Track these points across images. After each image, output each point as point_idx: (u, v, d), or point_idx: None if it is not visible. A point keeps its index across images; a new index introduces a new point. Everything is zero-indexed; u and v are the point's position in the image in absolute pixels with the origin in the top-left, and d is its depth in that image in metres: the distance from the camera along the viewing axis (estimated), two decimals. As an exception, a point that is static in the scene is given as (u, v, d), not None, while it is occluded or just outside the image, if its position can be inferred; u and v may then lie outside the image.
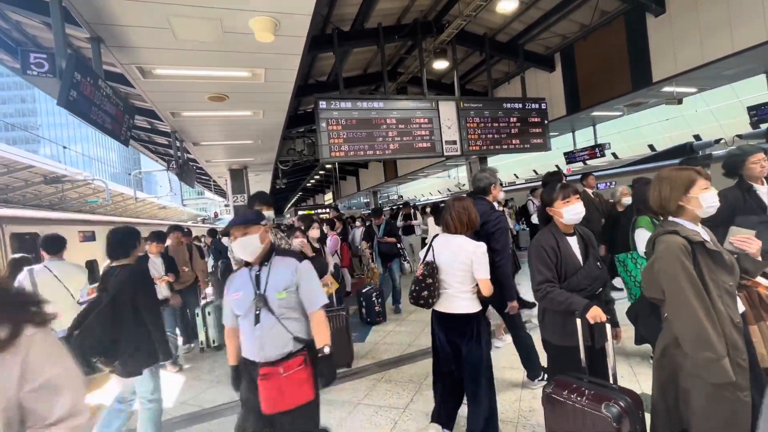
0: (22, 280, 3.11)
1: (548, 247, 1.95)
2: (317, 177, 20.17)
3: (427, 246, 2.40)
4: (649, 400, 1.68)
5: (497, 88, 9.96)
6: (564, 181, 2.82)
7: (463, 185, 20.75)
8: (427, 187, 29.89)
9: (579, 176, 5.58)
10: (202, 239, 10.26)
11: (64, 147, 16.93)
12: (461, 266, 2.22)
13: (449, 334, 2.29)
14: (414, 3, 6.55)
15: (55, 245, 3.33)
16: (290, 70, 4.44)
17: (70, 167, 13.98)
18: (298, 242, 3.58)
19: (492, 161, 12.93)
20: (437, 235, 2.42)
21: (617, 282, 4.52)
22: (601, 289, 1.99)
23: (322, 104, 6.20)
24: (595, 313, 1.77)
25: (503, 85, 9.96)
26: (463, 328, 2.24)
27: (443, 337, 2.32)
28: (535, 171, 23.42)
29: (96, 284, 2.44)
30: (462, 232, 2.29)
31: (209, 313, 4.73)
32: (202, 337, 4.79)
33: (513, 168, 24.26)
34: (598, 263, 1.98)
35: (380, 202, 23.13)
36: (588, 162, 12.23)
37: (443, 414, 2.42)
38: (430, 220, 8.05)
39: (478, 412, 2.21)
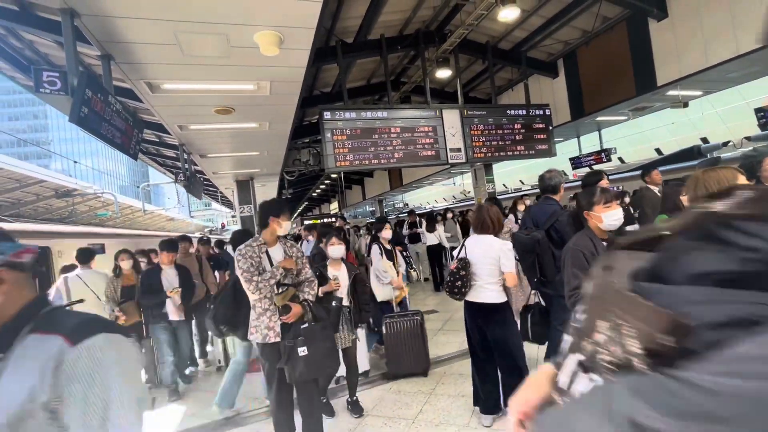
0: (59, 285, 3.89)
1: (587, 251, 1.87)
2: (323, 186, 20.28)
3: (460, 245, 2.75)
4: None
5: (501, 95, 9.99)
6: (605, 181, 2.83)
7: (469, 192, 20.71)
8: (433, 195, 29.89)
9: (639, 171, 4.85)
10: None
11: (75, 161, 17.27)
12: (490, 261, 2.55)
13: (479, 320, 2.63)
14: (416, 14, 6.63)
15: (85, 256, 4.06)
16: (295, 82, 4.50)
17: (80, 181, 14.22)
18: (336, 251, 3.11)
19: (497, 168, 12.93)
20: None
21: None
22: None
23: (327, 115, 6.27)
24: None
25: (507, 92, 9.99)
26: (490, 316, 2.57)
27: (473, 324, 2.67)
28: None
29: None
30: (492, 232, 2.63)
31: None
32: (219, 354, 4.51)
33: (518, 174, 24.20)
34: None
35: (385, 210, 23.15)
36: (594, 167, 12.16)
37: (481, 394, 2.68)
38: (425, 226, 8.04)
39: (510, 382, 2.50)
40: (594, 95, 7.99)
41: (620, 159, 17.30)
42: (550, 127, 7.94)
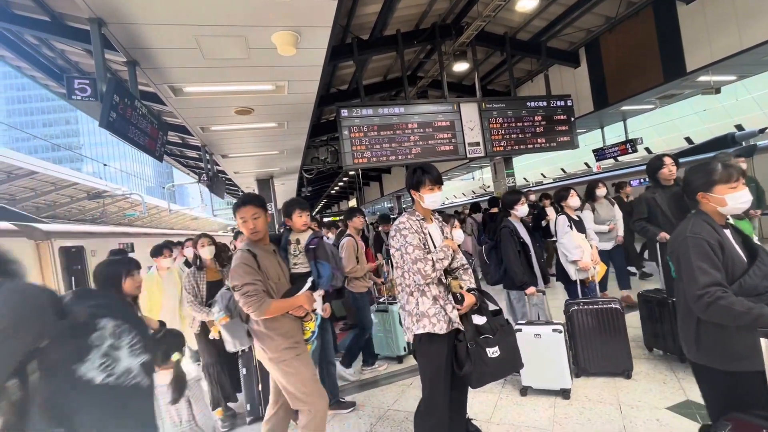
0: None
1: (713, 240, 1.50)
2: (341, 184, 20.42)
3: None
4: None
5: (520, 87, 9.77)
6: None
7: (488, 187, 20.41)
8: (452, 190, 29.62)
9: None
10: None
11: (105, 164, 18.00)
12: None
13: None
14: (432, 7, 6.56)
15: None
16: (312, 81, 4.55)
17: (110, 183, 14.82)
18: (457, 235, 2.53)
19: (517, 161, 12.67)
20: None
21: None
22: None
23: (344, 112, 6.30)
24: None
25: (526, 83, 9.77)
26: None
27: None
28: (563, 170, 22.76)
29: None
30: None
31: None
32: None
33: (540, 168, 23.68)
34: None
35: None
36: (619, 158, 11.75)
37: None
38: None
39: None
40: (618, 84, 7.70)
41: (647, 149, 16.64)
42: (572, 119, 7.72)
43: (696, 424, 2.32)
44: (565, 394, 2.79)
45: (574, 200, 3.68)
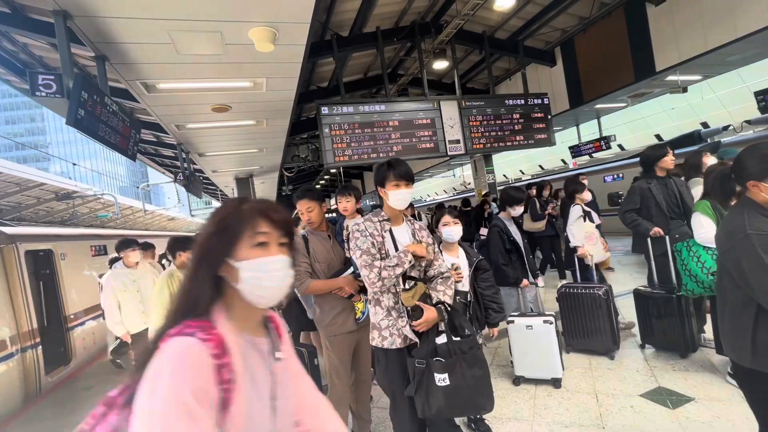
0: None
1: None
2: (322, 182, 20.25)
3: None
4: None
5: (498, 85, 9.92)
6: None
7: (469, 184, 20.67)
8: (433, 187, 29.87)
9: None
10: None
11: (74, 164, 17.26)
12: None
13: None
14: (411, 5, 6.57)
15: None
16: (291, 78, 4.48)
17: (80, 183, 14.22)
18: (452, 232, 2.51)
19: (497, 158, 12.88)
20: None
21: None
22: None
23: (324, 110, 6.24)
24: None
25: (504, 81, 9.92)
26: None
27: None
28: (541, 166, 23.26)
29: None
30: None
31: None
32: None
33: (519, 164, 24.11)
34: None
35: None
36: (594, 155, 12.12)
37: None
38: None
39: None
40: (593, 83, 7.93)
41: (620, 146, 17.21)
42: (549, 116, 7.90)
43: (667, 409, 2.43)
44: (556, 383, 2.89)
45: (586, 194, 4.02)
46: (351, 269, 2.33)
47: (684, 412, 2.39)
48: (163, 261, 6.11)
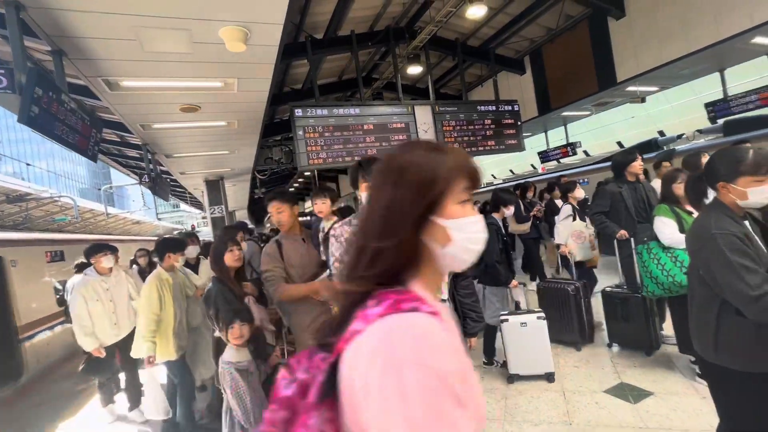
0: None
1: (740, 233, 1.40)
2: (296, 185, 19.97)
3: None
4: None
5: (471, 92, 10.15)
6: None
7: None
8: (408, 191, 29.99)
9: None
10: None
11: (28, 164, 16.21)
12: None
13: None
14: (386, 10, 6.62)
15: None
16: (264, 79, 4.40)
17: (34, 184, 13.35)
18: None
19: (469, 163, 13.11)
20: None
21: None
22: None
23: (298, 112, 6.16)
24: None
25: (477, 88, 10.17)
26: None
27: None
28: (511, 171, 23.93)
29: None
30: None
31: None
32: None
33: (491, 169, 24.70)
34: None
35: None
36: (561, 161, 12.61)
37: None
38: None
39: None
40: (559, 91, 8.27)
41: (585, 152, 17.95)
42: (519, 123, 8.15)
43: (628, 404, 2.55)
44: (549, 377, 2.96)
45: (579, 192, 4.19)
46: (328, 272, 2.27)
47: (644, 406, 2.52)
48: (134, 267, 5.81)
